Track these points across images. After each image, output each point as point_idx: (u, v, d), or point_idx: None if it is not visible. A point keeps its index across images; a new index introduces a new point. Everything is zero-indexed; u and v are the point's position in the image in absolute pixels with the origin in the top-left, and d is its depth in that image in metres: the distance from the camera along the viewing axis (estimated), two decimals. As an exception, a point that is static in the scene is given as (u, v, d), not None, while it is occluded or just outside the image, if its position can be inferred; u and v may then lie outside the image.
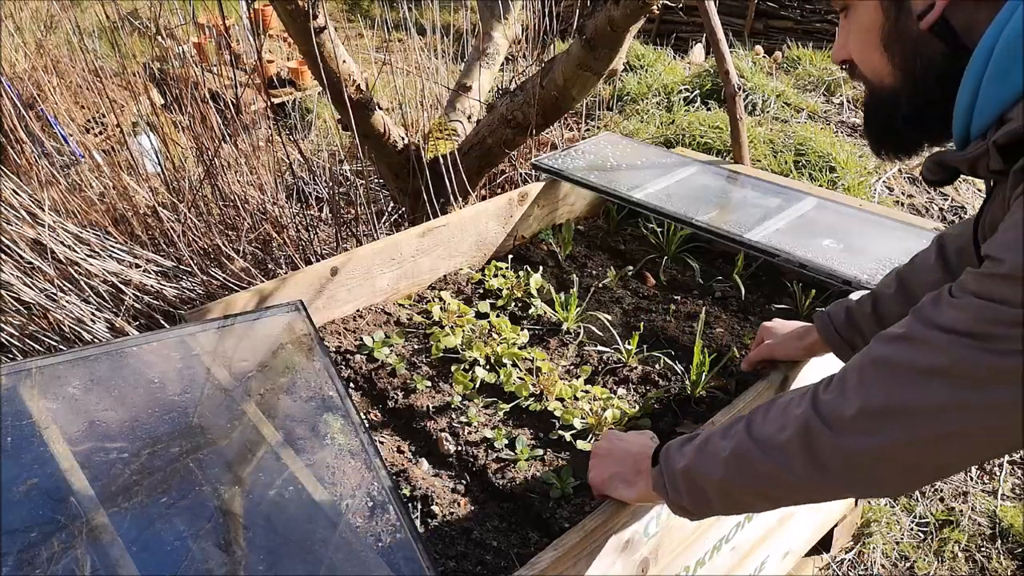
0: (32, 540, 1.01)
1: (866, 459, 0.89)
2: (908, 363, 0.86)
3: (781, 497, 1.02)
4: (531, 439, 1.47)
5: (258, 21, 3.98)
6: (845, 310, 1.41)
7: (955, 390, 0.82)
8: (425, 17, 3.36)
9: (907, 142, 1.03)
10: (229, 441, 1.22)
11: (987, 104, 0.86)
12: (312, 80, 4.66)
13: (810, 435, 0.93)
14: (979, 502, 2.31)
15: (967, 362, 0.81)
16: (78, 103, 3.42)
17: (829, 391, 0.93)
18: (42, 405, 1.18)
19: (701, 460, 1.06)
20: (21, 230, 2.29)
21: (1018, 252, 0.78)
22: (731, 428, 1.04)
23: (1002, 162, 0.85)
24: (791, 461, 0.94)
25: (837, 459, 0.91)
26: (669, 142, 4.09)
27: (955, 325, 0.82)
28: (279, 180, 2.92)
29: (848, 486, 0.96)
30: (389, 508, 1.16)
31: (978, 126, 0.88)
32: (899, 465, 0.89)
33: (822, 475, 0.93)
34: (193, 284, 2.43)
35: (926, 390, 0.84)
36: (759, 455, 0.98)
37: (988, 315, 0.80)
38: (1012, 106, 0.84)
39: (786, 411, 0.97)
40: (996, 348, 0.79)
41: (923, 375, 0.84)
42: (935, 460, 0.88)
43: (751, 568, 1.71)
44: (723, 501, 1.05)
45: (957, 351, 0.82)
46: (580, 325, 1.79)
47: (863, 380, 0.90)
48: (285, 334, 1.43)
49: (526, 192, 2.15)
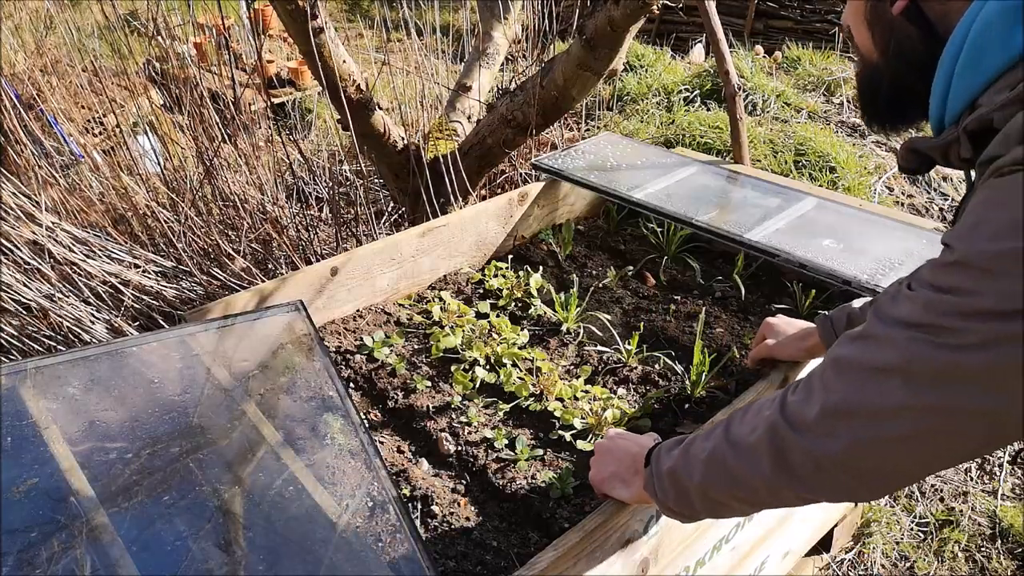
0: (32, 540, 1.01)
1: (829, 463, 0.87)
2: (864, 362, 0.84)
3: (754, 500, 1.01)
4: (531, 439, 1.47)
5: (258, 21, 3.98)
6: (847, 315, 1.41)
7: (911, 389, 0.79)
8: (425, 17, 3.37)
9: (893, 118, 1.05)
10: (229, 441, 1.22)
11: (959, 91, 0.86)
12: (312, 80, 4.66)
13: (777, 438, 0.92)
14: (979, 502, 2.31)
15: (921, 358, 0.78)
16: (78, 103, 3.42)
17: (796, 394, 0.92)
18: (42, 405, 1.18)
19: (684, 462, 1.06)
20: (20, 231, 2.28)
21: (969, 239, 0.76)
22: (713, 431, 1.04)
23: (971, 149, 0.85)
24: (760, 463, 0.94)
25: (803, 462, 0.90)
26: (669, 142, 4.09)
27: (908, 318, 0.80)
28: (279, 180, 2.92)
29: (814, 490, 0.93)
30: (389, 508, 1.16)
31: (951, 113, 0.88)
32: (861, 469, 0.86)
33: (789, 478, 0.92)
34: (193, 284, 2.43)
35: (882, 389, 0.81)
36: (732, 457, 0.98)
37: (940, 306, 0.77)
38: (982, 92, 0.84)
39: (758, 414, 0.97)
40: (948, 342, 0.76)
41: (879, 373, 0.82)
42: (897, 464, 0.85)
43: (751, 568, 1.71)
44: (704, 503, 1.04)
45: (911, 347, 0.79)
46: (580, 325, 1.79)
47: (824, 381, 0.88)
48: (285, 334, 1.43)
49: (526, 192, 2.15)
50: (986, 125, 0.81)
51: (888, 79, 0.99)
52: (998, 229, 0.73)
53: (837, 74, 5.06)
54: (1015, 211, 0.72)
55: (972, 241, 0.76)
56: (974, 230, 0.76)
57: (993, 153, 0.78)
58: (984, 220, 0.75)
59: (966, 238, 0.76)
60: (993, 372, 0.74)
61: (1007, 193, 0.74)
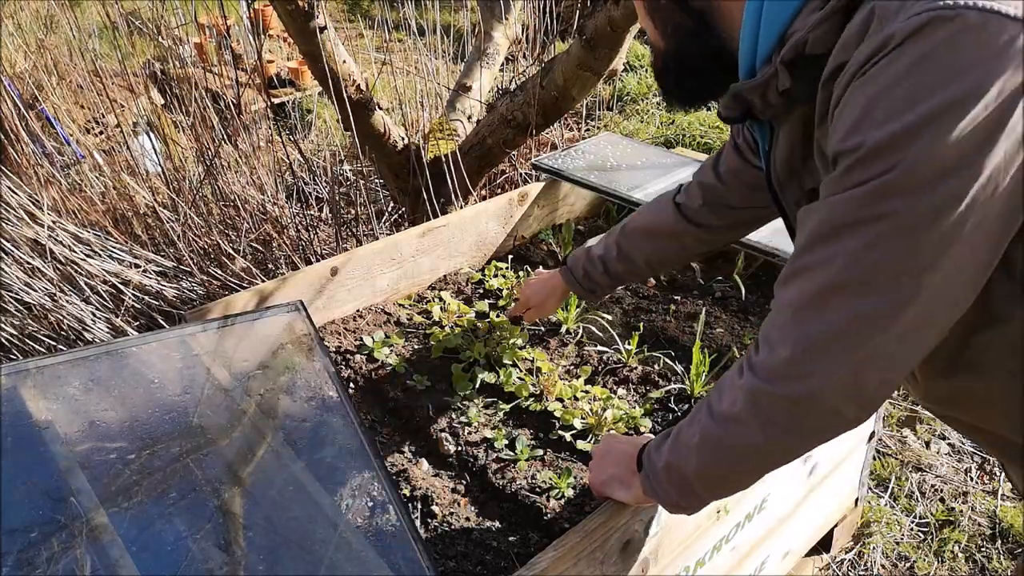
0: (32, 540, 1.01)
1: (809, 403, 0.88)
2: (817, 287, 0.84)
3: (757, 467, 1.02)
4: (531, 439, 1.47)
5: (258, 21, 3.98)
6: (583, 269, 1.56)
7: (863, 296, 0.80)
8: (425, 17, 3.36)
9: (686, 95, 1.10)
10: (229, 441, 1.22)
11: (769, 28, 0.88)
12: (312, 80, 4.65)
13: (756, 398, 0.92)
14: (979, 502, 2.31)
15: (876, 260, 0.79)
16: (78, 103, 3.42)
17: (760, 351, 0.93)
18: (42, 405, 1.18)
19: (676, 453, 1.06)
20: (21, 230, 2.29)
21: (870, 129, 0.76)
22: (695, 416, 1.04)
23: (790, 80, 0.87)
24: (750, 429, 0.95)
25: (785, 412, 0.91)
26: (669, 142, 4.10)
27: (844, 219, 0.80)
28: (279, 180, 2.92)
29: (805, 436, 0.94)
30: (389, 508, 1.16)
31: (762, 54, 0.90)
32: (842, 392, 0.86)
33: (778, 433, 0.93)
34: (193, 284, 2.43)
35: (850, 303, 0.82)
36: (721, 433, 0.98)
37: (876, 194, 0.77)
38: (790, 24, 0.86)
39: (733, 383, 0.97)
40: (899, 225, 0.77)
41: (838, 290, 0.82)
42: (879, 372, 0.85)
43: (751, 568, 1.71)
44: (707, 486, 1.05)
45: (865, 249, 0.79)
46: (580, 325, 1.79)
47: (783, 328, 0.89)
48: (285, 334, 1.43)
49: (526, 192, 2.15)
50: (800, 51, 0.85)
51: (674, 59, 1.05)
52: (888, 111, 0.75)
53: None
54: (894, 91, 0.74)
55: (868, 132, 0.76)
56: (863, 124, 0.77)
57: (836, 63, 0.81)
58: (868, 111, 0.76)
59: (864, 129, 0.77)
60: (954, 233, 0.76)
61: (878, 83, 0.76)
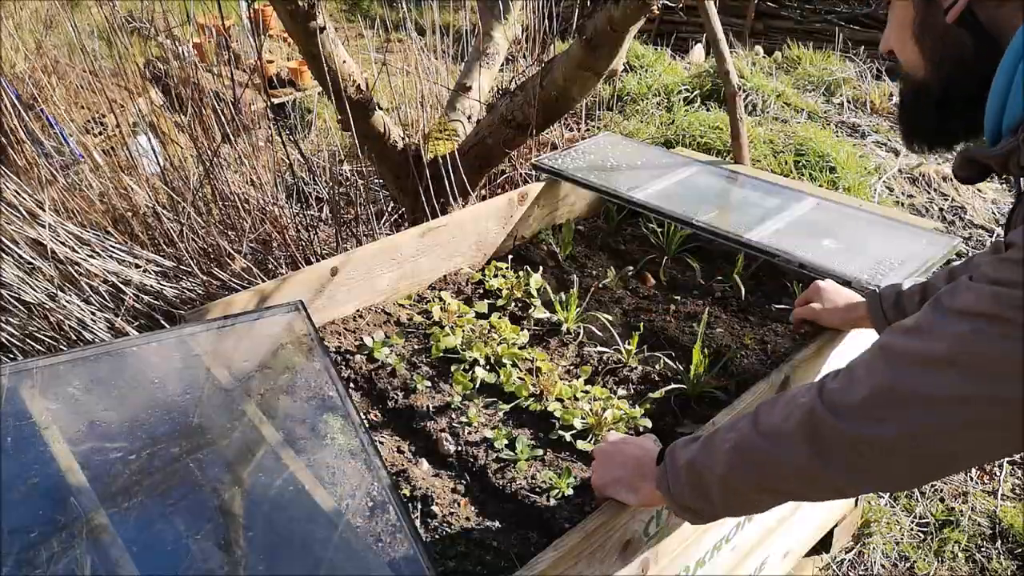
0: (32, 540, 1.01)
1: (870, 448, 0.88)
2: (918, 351, 0.85)
3: (783, 490, 1.01)
4: (531, 439, 1.47)
5: (258, 21, 3.98)
6: (896, 293, 1.44)
7: (964, 380, 0.81)
8: (425, 17, 3.36)
9: (937, 135, 1.05)
10: (229, 441, 1.22)
11: (1018, 99, 0.86)
12: (312, 80, 4.66)
13: (815, 423, 0.92)
14: (979, 502, 2.31)
15: (976, 349, 0.80)
16: (78, 103, 3.42)
17: (837, 381, 0.93)
18: (42, 405, 1.18)
19: (705, 454, 1.05)
20: (21, 230, 2.29)
21: None
22: (737, 422, 1.04)
23: None
24: (794, 450, 0.94)
25: (841, 447, 0.90)
26: (669, 142, 4.09)
27: (971, 308, 0.82)
28: (279, 180, 2.92)
29: (851, 477, 0.93)
30: (389, 508, 1.16)
31: (1009, 122, 0.88)
32: (912, 455, 0.87)
33: (825, 464, 0.92)
34: (193, 284, 2.43)
35: (938, 378, 0.83)
36: (762, 445, 0.97)
37: (1003, 299, 0.79)
38: None
39: (791, 401, 0.97)
40: (1010, 334, 0.78)
41: (935, 363, 0.83)
42: (949, 453, 0.86)
43: (751, 568, 1.71)
44: (725, 495, 1.04)
45: (971, 337, 0.81)
46: (580, 325, 1.79)
47: (872, 369, 0.89)
48: (285, 334, 1.43)
49: (526, 192, 2.15)
50: None
51: (939, 91, 1.00)
52: None
53: (837, 74, 5.06)
54: None
55: None
56: None
57: None
58: None
59: None
60: None
61: None
